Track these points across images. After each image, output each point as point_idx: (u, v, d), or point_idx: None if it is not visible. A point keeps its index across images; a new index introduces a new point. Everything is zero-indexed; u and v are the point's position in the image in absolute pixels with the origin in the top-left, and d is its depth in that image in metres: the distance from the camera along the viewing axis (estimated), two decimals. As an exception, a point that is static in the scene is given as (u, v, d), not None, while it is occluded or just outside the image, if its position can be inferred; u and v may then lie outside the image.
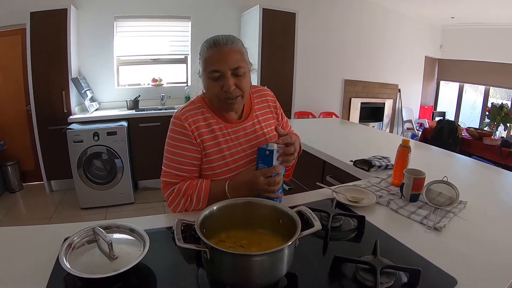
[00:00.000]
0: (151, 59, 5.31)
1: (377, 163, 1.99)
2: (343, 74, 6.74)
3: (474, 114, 8.15)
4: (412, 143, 1.73)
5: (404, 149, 1.72)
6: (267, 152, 1.30)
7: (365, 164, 2.03)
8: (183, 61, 5.49)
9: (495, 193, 1.89)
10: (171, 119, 1.41)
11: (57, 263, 0.93)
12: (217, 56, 1.28)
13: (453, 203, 1.46)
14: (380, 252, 1.02)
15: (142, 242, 1.02)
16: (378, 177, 1.87)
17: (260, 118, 1.53)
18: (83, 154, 3.96)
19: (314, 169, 2.51)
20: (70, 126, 3.99)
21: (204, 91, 1.43)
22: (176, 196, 1.36)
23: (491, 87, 7.71)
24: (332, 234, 1.21)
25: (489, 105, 6.55)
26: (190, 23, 5.28)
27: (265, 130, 1.52)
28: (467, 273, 1.02)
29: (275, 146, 1.30)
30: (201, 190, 1.34)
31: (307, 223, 0.99)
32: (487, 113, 5.84)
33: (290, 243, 0.85)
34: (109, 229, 1.07)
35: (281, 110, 1.66)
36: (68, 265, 0.90)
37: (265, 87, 1.65)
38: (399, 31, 7.19)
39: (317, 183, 1.74)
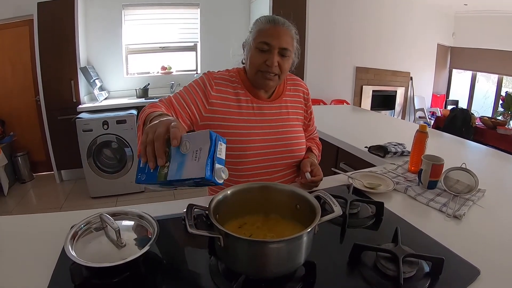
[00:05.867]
0: (160, 47, 5.29)
1: (393, 149, 1.94)
2: (355, 62, 6.63)
3: (486, 104, 8.02)
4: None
5: (421, 135, 1.66)
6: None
7: (381, 150, 1.98)
8: (192, 48, 5.46)
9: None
10: (204, 72, 1.46)
11: (63, 252, 0.90)
12: (272, 31, 1.34)
13: (472, 190, 1.42)
14: (400, 240, 0.98)
15: (151, 230, 0.98)
16: (394, 164, 1.82)
17: (288, 104, 1.55)
18: (92, 143, 3.96)
19: (327, 156, 2.45)
20: (80, 116, 3.98)
21: (244, 61, 1.48)
22: (142, 112, 1.18)
23: (504, 77, 7.55)
24: (350, 221, 1.16)
25: (503, 93, 6.45)
26: (199, 10, 5.23)
27: (291, 117, 1.54)
28: (489, 263, 0.97)
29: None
30: (148, 112, 1.14)
31: (323, 209, 0.94)
32: (500, 102, 5.75)
33: (309, 229, 0.79)
34: (116, 215, 1.03)
35: (312, 109, 1.67)
36: (74, 254, 0.85)
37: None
38: (411, 17, 7.03)
39: (332, 168, 1.70)
